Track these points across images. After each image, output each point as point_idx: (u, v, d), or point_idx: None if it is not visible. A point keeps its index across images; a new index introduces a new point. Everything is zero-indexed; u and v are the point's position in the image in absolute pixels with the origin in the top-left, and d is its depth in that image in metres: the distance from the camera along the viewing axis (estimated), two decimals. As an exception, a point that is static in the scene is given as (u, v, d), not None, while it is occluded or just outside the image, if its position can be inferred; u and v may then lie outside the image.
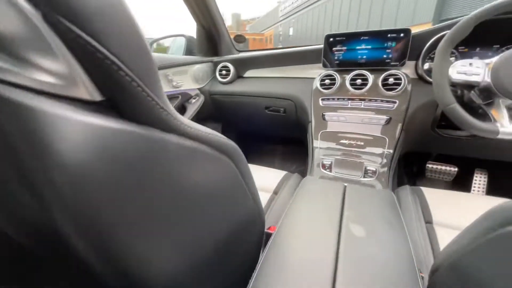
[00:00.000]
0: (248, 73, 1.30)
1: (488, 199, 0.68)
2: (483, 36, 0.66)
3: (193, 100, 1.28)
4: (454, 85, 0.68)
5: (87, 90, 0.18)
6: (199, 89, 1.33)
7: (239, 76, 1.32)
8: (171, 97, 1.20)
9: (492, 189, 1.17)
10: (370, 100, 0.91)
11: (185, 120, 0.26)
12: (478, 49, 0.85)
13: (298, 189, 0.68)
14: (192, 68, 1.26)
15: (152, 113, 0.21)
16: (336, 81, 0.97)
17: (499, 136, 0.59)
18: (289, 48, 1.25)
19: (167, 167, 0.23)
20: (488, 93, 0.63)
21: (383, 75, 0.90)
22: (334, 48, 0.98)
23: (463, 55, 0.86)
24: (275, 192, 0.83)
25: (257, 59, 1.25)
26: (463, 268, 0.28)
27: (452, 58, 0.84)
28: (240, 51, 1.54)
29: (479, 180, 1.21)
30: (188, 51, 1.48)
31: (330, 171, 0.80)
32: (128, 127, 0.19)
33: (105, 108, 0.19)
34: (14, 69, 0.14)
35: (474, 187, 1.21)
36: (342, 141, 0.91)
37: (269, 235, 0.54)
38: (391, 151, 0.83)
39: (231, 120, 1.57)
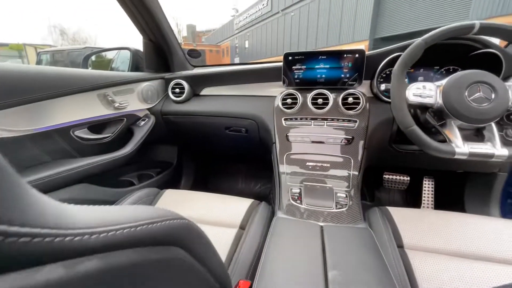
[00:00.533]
0: (205, 91, 1.20)
1: (447, 215, 0.71)
2: (425, 58, 0.70)
3: (142, 122, 1.11)
4: (410, 106, 0.69)
5: None
6: (148, 109, 1.17)
7: (195, 94, 1.21)
8: (114, 121, 1.02)
9: (438, 192, 1.29)
10: (332, 119, 0.90)
11: (90, 214, 0.15)
12: (422, 70, 0.92)
13: (271, 233, 0.60)
14: (139, 86, 1.10)
15: None
16: (298, 101, 0.94)
17: (456, 156, 0.61)
18: (248, 64, 1.19)
19: None
20: (441, 114, 0.65)
21: (342, 94, 0.90)
22: (293, 67, 0.96)
23: (409, 76, 0.92)
24: (242, 227, 0.73)
25: (214, 76, 1.16)
26: None
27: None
28: (195, 66, 1.44)
29: (428, 186, 1.32)
30: (135, 66, 1.32)
31: (301, 203, 0.75)
32: None
33: None
34: None
35: (424, 191, 1.31)
36: (307, 164, 0.87)
37: None
38: (356, 173, 0.82)
39: (188, 141, 1.43)
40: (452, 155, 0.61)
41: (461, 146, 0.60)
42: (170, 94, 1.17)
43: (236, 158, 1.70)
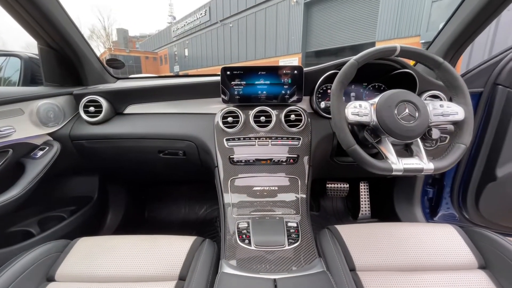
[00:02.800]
0: (130, 109, 1.00)
1: (386, 227, 0.74)
2: (356, 75, 0.74)
3: (40, 153, 0.85)
4: (349, 124, 0.70)
5: None
6: (50, 134, 0.91)
7: (117, 113, 1.00)
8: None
9: (372, 193, 1.41)
10: (276, 138, 0.86)
11: None
12: (353, 86, 0.98)
13: None
14: (32, 105, 0.84)
15: None
16: (240, 119, 0.87)
17: (393, 173, 0.63)
18: (184, 77, 1.07)
19: None
20: (376, 132, 0.67)
21: (285, 111, 0.88)
22: (232, 82, 0.89)
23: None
24: (182, 278, 0.60)
25: (143, 91, 0.98)
26: None
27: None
28: (118, 78, 1.22)
29: (363, 189, 1.43)
30: (29, 78, 1.01)
31: (249, 243, 0.66)
32: None
33: None
34: None
35: (362, 196, 1.42)
36: (255, 189, 0.80)
37: None
38: (304, 195, 0.79)
39: (112, 169, 1.18)
40: (390, 172, 0.63)
41: (396, 163, 0.63)
42: (82, 113, 0.94)
43: (177, 181, 1.52)
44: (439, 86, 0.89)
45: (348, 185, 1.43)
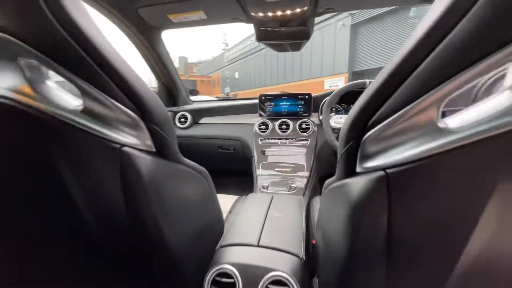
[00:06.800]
0: (203, 120, 1.61)
1: None
2: (349, 98, 1.14)
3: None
4: (334, 129, 1.11)
5: (151, 147, 0.44)
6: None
7: (195, 122, 1.62)
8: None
9: None
10: (292, 139, 1.32)
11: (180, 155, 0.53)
12: (342, 104, 1.38)
13: (244, 200, 0.96)
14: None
15: (173, 153, 0.47)
16: (269, 126, 1.36)
17: None
18: (235, 100, 1.63)
19: (176, 182, 0.49)
20: None
21: (298, 122, 1.33)
22: (266, 104, 1.40)
23: (345, 109, 1.37)
24: (230, 212, 1.08)
25: (210, 109, 1.59)
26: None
27: (333, 113, 1.34)
28: (194, 102, 1.86)
29: None
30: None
31: (267, 190, 1.13)
32: (165, 162, 0.45)
33: (156, 154, 0.44)
34: (132, 138, 0.40)
35: None
36: (276, 169, 1.26)
37: None
38: (308, 174, 1.21)
39: (190, 157, 1.80)
40: None
41: None
42: (176, 122, 1.57)
43: (226, 173, 2.06)
44: None
45: None
